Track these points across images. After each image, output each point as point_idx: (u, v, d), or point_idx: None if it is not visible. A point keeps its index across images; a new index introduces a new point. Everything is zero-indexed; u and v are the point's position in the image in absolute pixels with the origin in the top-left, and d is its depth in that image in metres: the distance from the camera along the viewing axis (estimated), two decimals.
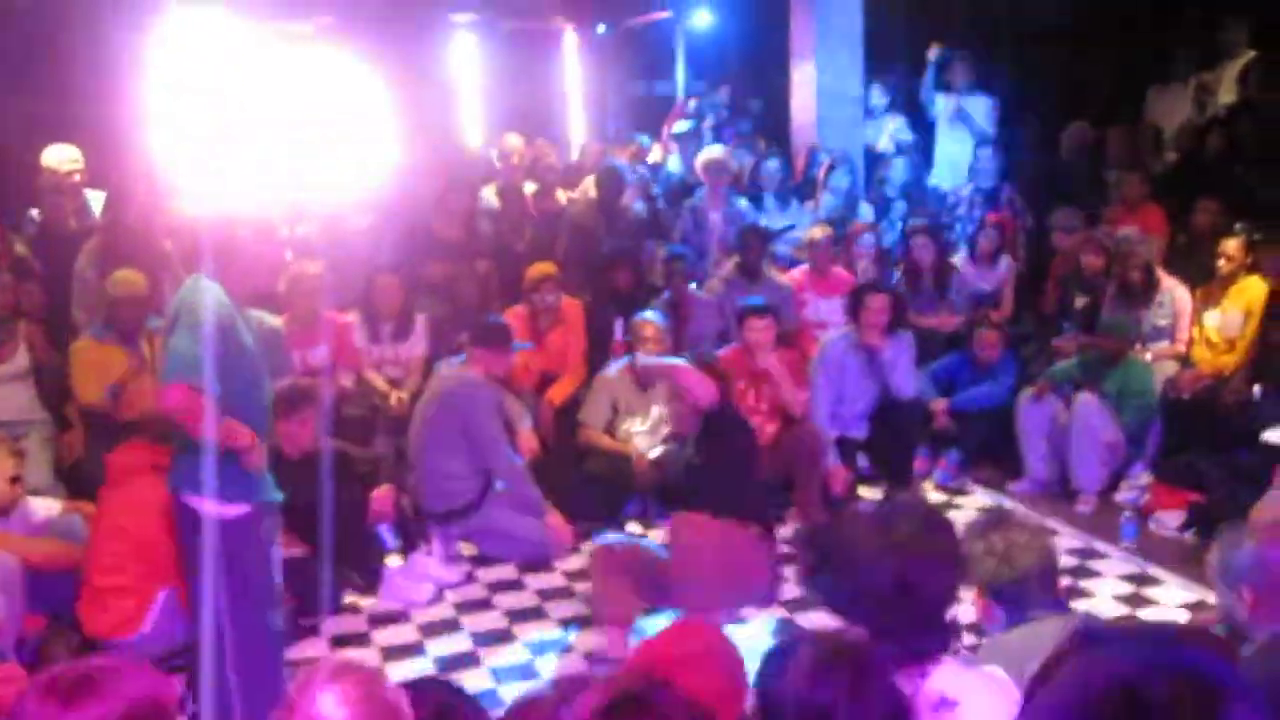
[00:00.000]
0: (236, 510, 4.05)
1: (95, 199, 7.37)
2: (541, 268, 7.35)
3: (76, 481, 6.14)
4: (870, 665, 2.16)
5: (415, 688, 2.47)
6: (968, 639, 3.24)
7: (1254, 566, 3.33)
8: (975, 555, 2.91)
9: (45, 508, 5.47)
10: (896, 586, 2.46)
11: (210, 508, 3.98)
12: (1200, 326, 7.29)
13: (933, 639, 2.52)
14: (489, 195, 8.60)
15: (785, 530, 6.74)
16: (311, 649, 5.48)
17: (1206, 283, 7.38)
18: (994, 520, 3.05)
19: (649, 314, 7.22)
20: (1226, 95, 9.58)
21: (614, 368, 7.05)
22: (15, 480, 5.23)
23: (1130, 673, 1.24)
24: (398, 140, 8.18)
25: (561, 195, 8.79)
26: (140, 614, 4.89)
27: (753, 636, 5.08)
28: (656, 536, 6.63)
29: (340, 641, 5.59)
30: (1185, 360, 7.35)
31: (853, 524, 2.56)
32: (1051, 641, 2.88)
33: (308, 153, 7.43)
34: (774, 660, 2.24)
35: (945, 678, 2.48)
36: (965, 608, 2.91)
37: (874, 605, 2.48)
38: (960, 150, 9.83)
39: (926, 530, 2.50)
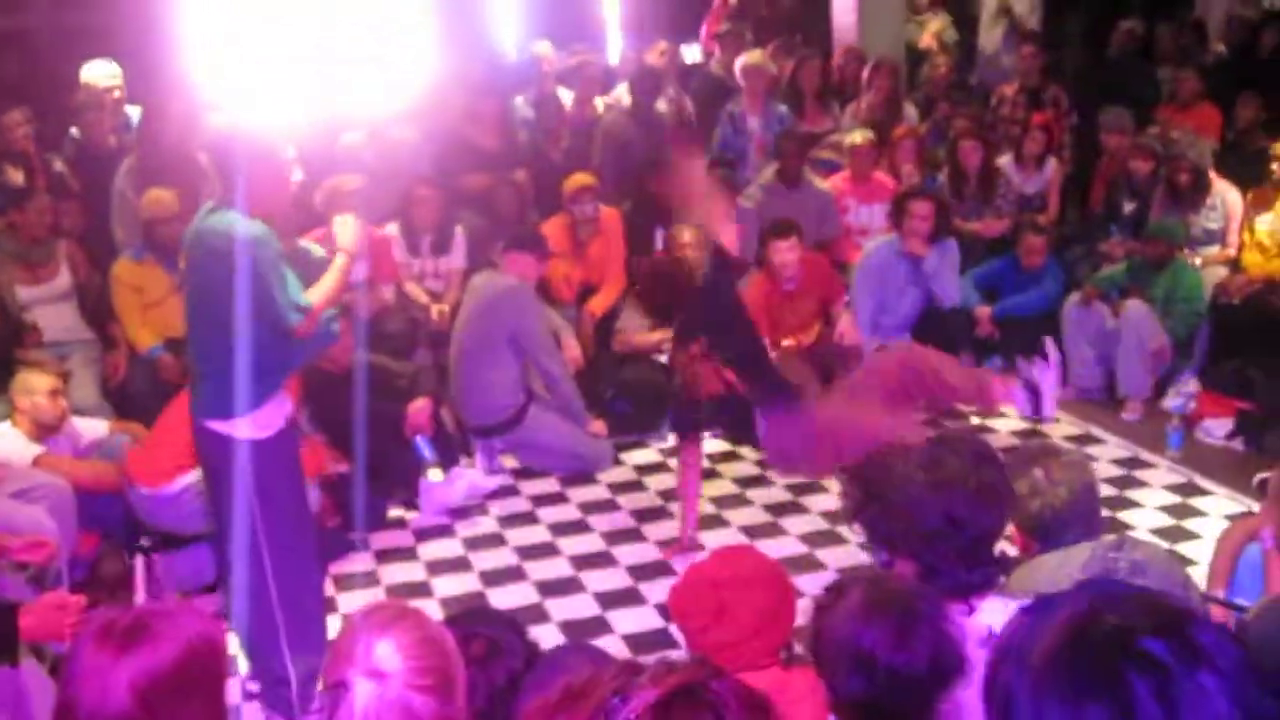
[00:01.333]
0: (267, 432, 4.03)
1: (136, 115, 7.33)
2: (579, 178, 7.27)
3: (122, 401, 6.18)
4: (918, 610, 2.15)
5: (463, 625, 2.48)
6: None
7: None
8: (1016, 492, 2.87)
9: (92, 429, 5.53)
10: (944, 523, 2.44)
11: (243, 431, 3.95)
12: (1251, 230, 7.14)
13: (980, 574, 2.51)
14: (523, 104, 8.49)
15: None
16: (356, 564, 5.54)
17: (1259, 185, 7.22)
18: (1034, 455, 3.01)
19: (687, 222, 7.13)
20: None
21: None
22: (57, 394, 5.25)
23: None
24: (429, 48, 8.08)
25: (599, 103, 8.66)
26: (173, 472, 4.97)
27: None
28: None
29: (385, 556, 5.65)
30: (1235, 265, 7.22)
31: (901, 459, 2.53)
32: (1081, 568, 2.87)
33: (347, 61, 7.37)
34: (829, 596, 2.24)
35: (992, 612, 2.47)
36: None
37: (921, 541, 2.46)
38: (1004, 48, 9.62)
39: (975, 466, 2.47)
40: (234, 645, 4.10)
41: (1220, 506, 5.80)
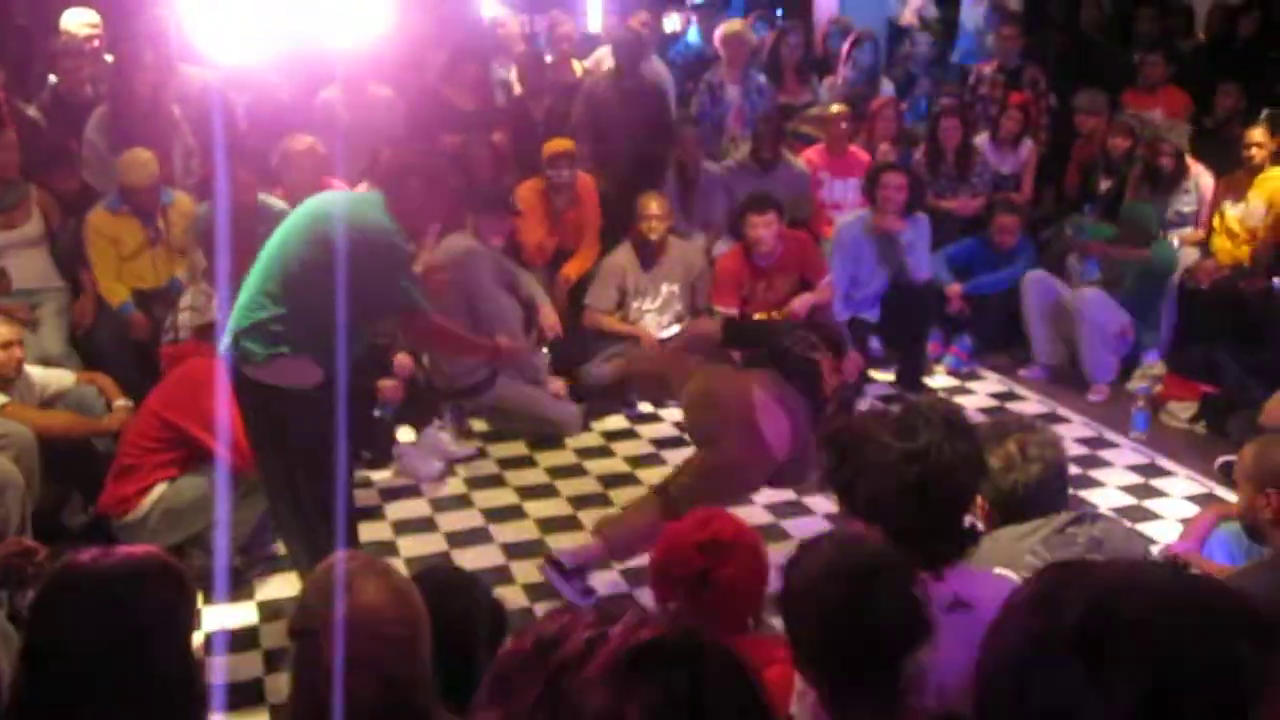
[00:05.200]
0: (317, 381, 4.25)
1: None
2: (558, 143, 7.21)
3: (89, 351, 6.13)
4: (887, 569, 2.16)
5: (434, 587, 2.48)
6: None
7: None
8: (989, 464, 2.90)
9: (58, 379, 5.47)
10: (915, 492, 2.45)
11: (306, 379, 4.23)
12: (1222, 216, 7.19)
13: (948, 544, 2.52)
14: (498, 67, 8.42)
15: None
16: None
17: (1230, 170, 7.27)
18: (1010, 429, 3.03)
19: (653, 191, 7.08)
20: None
21: (620, 250, 6.98)
22: (10, 345, 5.15)
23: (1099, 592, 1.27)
24: (403, 7, 8.05)
25: (578, 66, 8.60)
26: (137, 499, 4.91)
27: None
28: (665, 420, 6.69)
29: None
30: (1205, 249, 7.28)
31: (874, 426, 2.54)
32: (1041, 542, 2.91)
33: (323, 14, 7.30)
34: (800, 552, 2.25)
35: (959, 580, 2.49)
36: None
37: (891, 509, 2.47)
38: (986, 27, 9.64)
39: (949, 437, 2.48)
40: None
41: (1182, 488, 5.86)
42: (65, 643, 2.06)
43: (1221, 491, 5.61)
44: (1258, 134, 7.10)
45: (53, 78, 7.31)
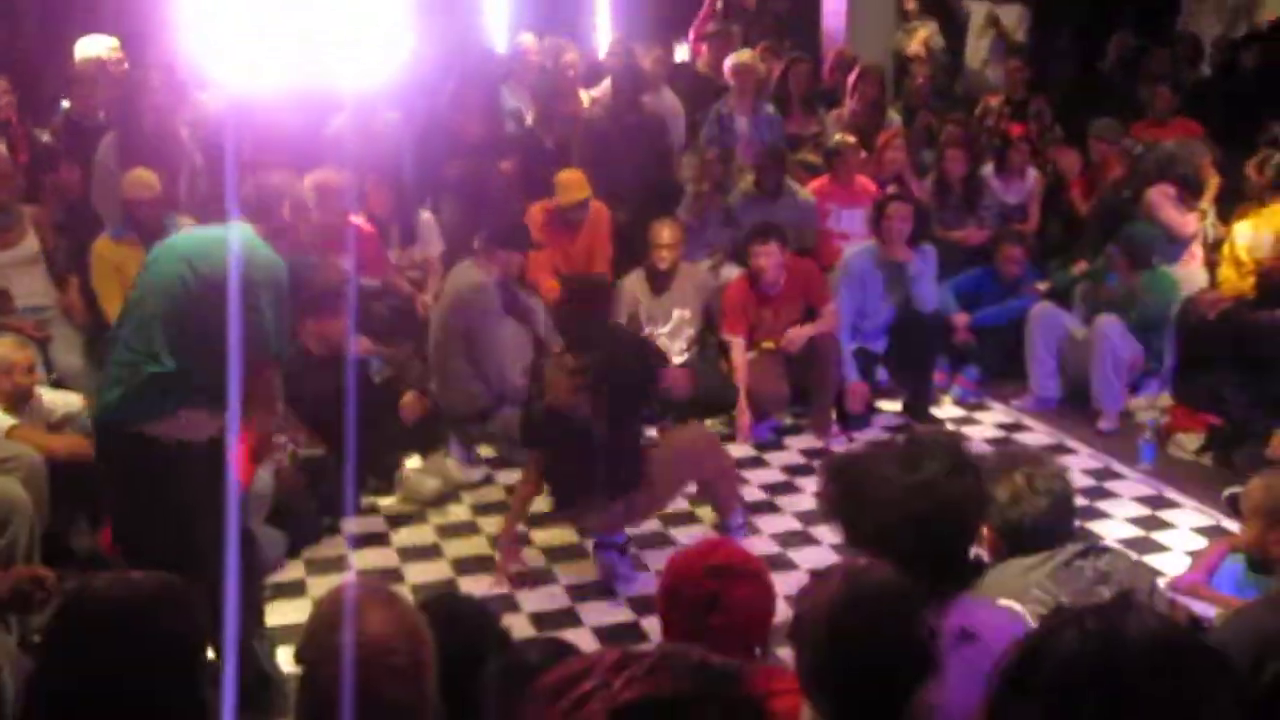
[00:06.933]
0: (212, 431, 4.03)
1: None
2: (574, 191, 7.19)
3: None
4: (897, 601, 2.17)
5: (441, 616, 2.49)
6: None
7: None
8: (994, 496, 2.91)
9: (65, 403, 5.49)
10: (919, 525, 2.46)
11: (194, 433, 3.97)
12: (1231, 244, 7.19)
13: (952, 576, 2.53)
14: (510, 95, 8.45)
15: (800, 442, 6.82)
16: (331, 549, 5.54)
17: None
18: (1017, 461, 3.04)
19: (666, 219, 7.10)
20: (1271, 10, 9.42)
21: (631, 276, 7.00)
22: (23, 370, 5.20)
23: None
24: (417, 34, 8.10)
25: (585, 96, 8.63)
26: None
27: None
28: None
29: (360, 541, 5.64)
30: (1210, 278, 7.31)
31: (879, 458, 2.55)
32: (1049, 576, 2.92)
33: (333, 42, 7.35)
34: (813, 581, 2.26)
35: (965, 612, 2.49)
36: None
37: (894, 541, 2.47)
38: (990, 58, 9.69)
39: (953, 470, 2.49)
40: None
41: (1189, 519, 5.85)
42: (77, 669, 2.07)
43: (1229, 523, 5.59)
44: (1251, 166, 7.20)
45: (65, 103, 7.37)
